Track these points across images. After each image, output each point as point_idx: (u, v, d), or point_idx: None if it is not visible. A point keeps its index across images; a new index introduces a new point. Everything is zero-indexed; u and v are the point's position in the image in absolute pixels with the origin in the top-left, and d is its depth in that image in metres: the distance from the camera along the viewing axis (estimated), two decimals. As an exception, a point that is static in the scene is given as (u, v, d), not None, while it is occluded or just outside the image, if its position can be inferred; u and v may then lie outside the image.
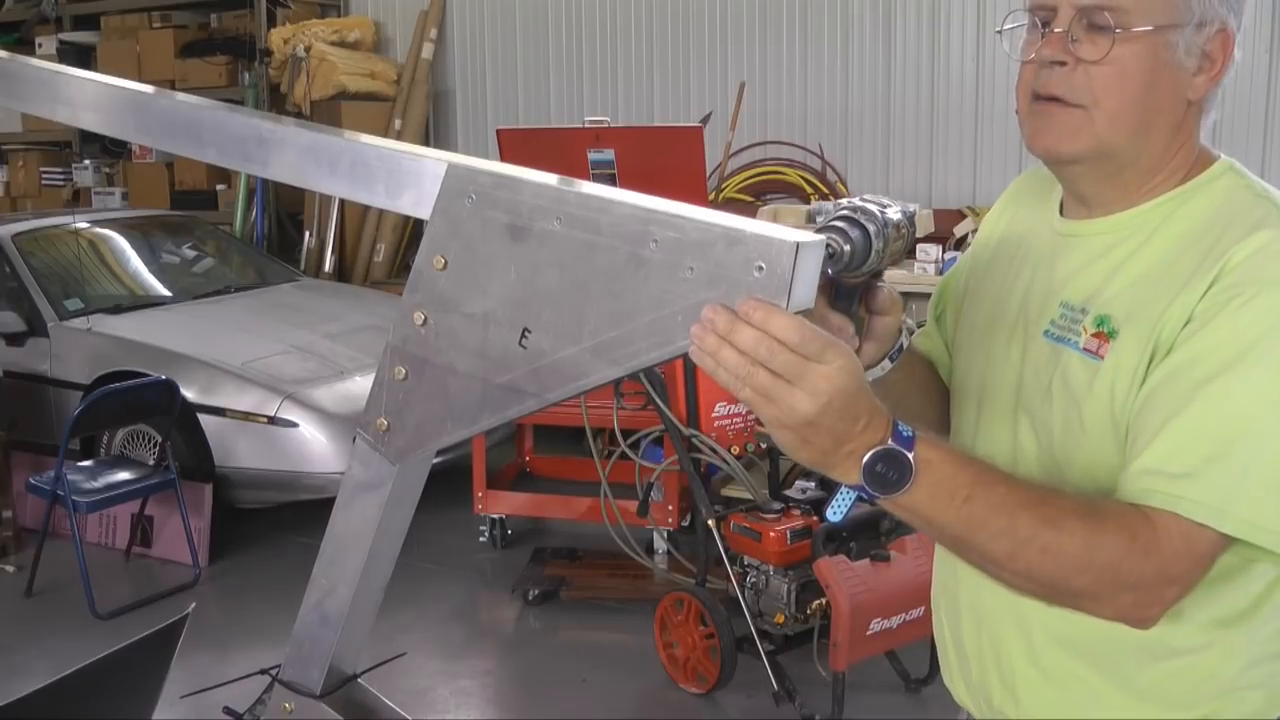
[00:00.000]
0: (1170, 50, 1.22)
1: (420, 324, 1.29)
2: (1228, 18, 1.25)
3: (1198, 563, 1.19)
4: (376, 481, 1.42)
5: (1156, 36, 1.21)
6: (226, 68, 8.12)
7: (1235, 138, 5.93)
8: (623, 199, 1.16)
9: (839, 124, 6.92)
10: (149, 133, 1.52)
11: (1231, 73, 1.28)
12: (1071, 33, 1.23)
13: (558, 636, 4.43)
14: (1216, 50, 1.25)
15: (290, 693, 1.60)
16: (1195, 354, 1.19)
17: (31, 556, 4.85)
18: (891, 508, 1.16)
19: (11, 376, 5.61)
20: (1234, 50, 1.26)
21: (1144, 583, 1.17)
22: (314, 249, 7.77)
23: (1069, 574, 1.17)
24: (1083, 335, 1.29)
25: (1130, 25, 1.21)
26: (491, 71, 8.05)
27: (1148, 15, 1.21)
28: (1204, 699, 1.30)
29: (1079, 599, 1.20)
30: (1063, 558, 1.16)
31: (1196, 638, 1.28)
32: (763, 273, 1.06)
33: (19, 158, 9.21)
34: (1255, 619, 1.28)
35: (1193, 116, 1.29)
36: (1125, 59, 1.22)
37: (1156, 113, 1.25)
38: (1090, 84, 1.24)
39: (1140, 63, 1.22)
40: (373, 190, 1.32)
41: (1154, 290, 1.24)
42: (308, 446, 5.03)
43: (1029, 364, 1.35)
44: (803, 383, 1.04)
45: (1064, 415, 1.30)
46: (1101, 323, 1.27)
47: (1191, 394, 1.18)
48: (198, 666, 3.40)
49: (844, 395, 1.05)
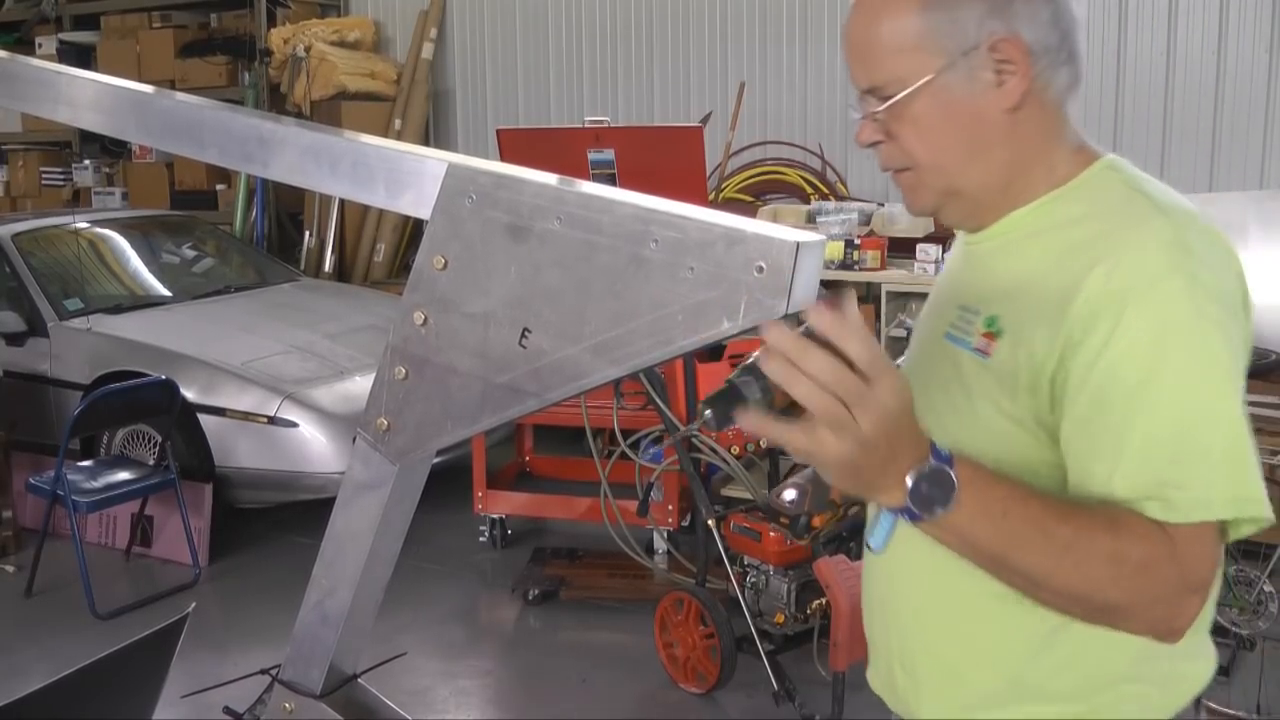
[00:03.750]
0: (952, 89, 1.27)
1: (420, 324, 1.29)
2: (998, 28, 1.26)
3: (1210, 563, 1.21)
4: (376, 481, 1.42)
5: (931, 86, 1.27)
6: (226, 68, 8.13)
7: (1235, 137, 5.93)
8: (623, 199, 1.16)
9: (839, 124, 6.91)
10: (149, 133, 1.52)
11: (1064, 54, 1.30)
12: (873, 114, 1.31)
13: (558, 636, 4.43)
14: (1008, 56, 1.27)
15: (290, 693, 1.60)
16: (1111, 372, 1.20)
17: (31, 556, 4.85)
18: (933, 530, 1.16)
19: (11, 376, 5.61)
20: (1033, 42, 1.27)
21: (1169, 592, 1.19)
22: (314, 249, 7.77)
23: (1104, 586, 1.18)
24: (974, 335, 1.33)
25: (903, 89, 1.27)
26: (491, 71, 8.05)
27: (912, 75, 1.27)
28: (1091, 691, 1.32)
29: (1114, 614, 1.21)
30: (1095, 569, 1.17)
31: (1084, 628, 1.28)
32: (763, 273, 1.06)
33: (19, 158, 9.21)
34: None
35: (1032, 119, 1.31)
36: (917, 117, 1.28)
37: (976, 140, 1.30)
38: (903, 148, 1.32)
39: (931, 113, 1.28)
40: (373, 190, 1.32)
41: (1038, 293, 1.27)
42: (308, 446, 5.03)
43: (934, 366, 1.39)
44: (862, 406, 1.04)
45: (959, 412, 1.32)
46: (990, 323, 1.31)
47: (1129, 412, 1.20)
48: (198, 666, 3.40)
49: (894, 417, 1.07)
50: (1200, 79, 6.01)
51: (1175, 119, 6.09)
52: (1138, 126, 6.16)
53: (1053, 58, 1.29)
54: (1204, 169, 6.02)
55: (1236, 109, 5.94)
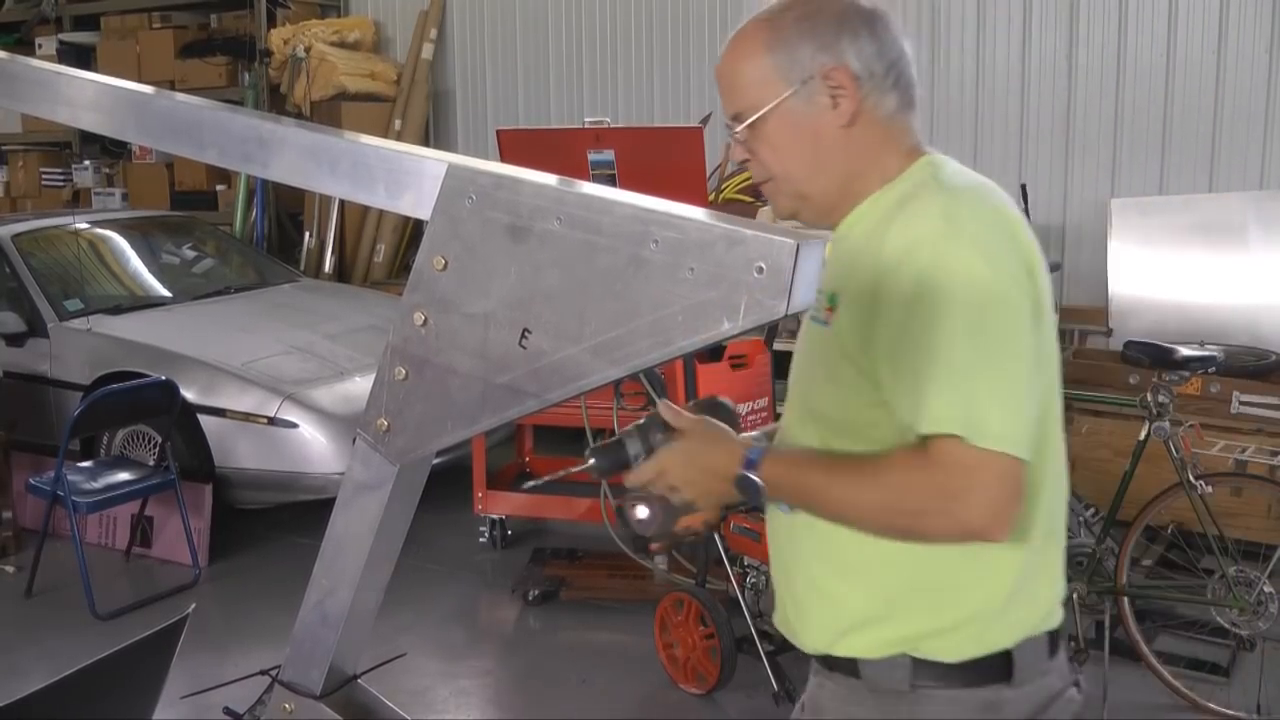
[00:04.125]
0: (795, 113, 1.55)
1: (420, 324, 1.29)
2: (828, 60, 1.54)
3: (961, 470, 1.40)
4: (376, 481, 1.42)
5: (778, 111, 1.55)
6: (226, 68, 8.13)
7: (1235, 137, 5.93)
8: (623, 199, 1.16)
9: (839, 124, 6.92)
10: (149, 133, 1.52)
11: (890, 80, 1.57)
12: (737, 136, 1.60)
13: (558, 637, 4.43)
14: (839, 83, 1.54)
15: (290, 693, 1.60)
16: (891, 317, 1.45)
17: (31, 557, 4.85)
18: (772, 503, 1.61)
19: (11, 377, 5.61)
20: (860, 70, 1.54)
21: (933, 497, 1.42)
22: (314, 249, 7.77)
23: (887, 510, 1.46)
24: (821, 312, 1.58)
25: (755, 114, 1.56)
26: (491, 71, 8.06)
27: (763, 102, 1.55)
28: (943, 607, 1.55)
29: (908, 529, 1.47)
30: (874, 499, 1.46)
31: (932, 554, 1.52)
32: (763, 273, 1.06)
33: (19, 158, 9.21)
34: None
35: (865, 133, 1.57)
36: (769, 136, 1.57)
37: (818, 153, 1.57)
38: (762, 163, 1.60)
39: (780, 133, 1.56)
40: (373, 191, 1.32)
41: (856, 263, 1.53)
42: (308, 447, 5.03)
43: (805, 346, 1.67)
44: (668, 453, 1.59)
45: (818, 380, 1.60)
46: (831, 299, 1.56)
47: (909, 350, 1.44)
48: (198, 666, 3.40)
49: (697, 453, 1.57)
50: (1200, 79, 6.01)
51: (1175, 119, 6.09)
52: (1138, 126, 6.16)
53: (879, 82, 1.56)
54: (1204, 169, 6.02)
55: (1236, 109, 5.94)
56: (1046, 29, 6.35)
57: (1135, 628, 3.91)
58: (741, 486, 1.52)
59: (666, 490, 1.58)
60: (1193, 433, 3.93)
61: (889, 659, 1.56)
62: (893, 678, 1.56)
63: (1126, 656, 3.92)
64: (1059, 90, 6.33)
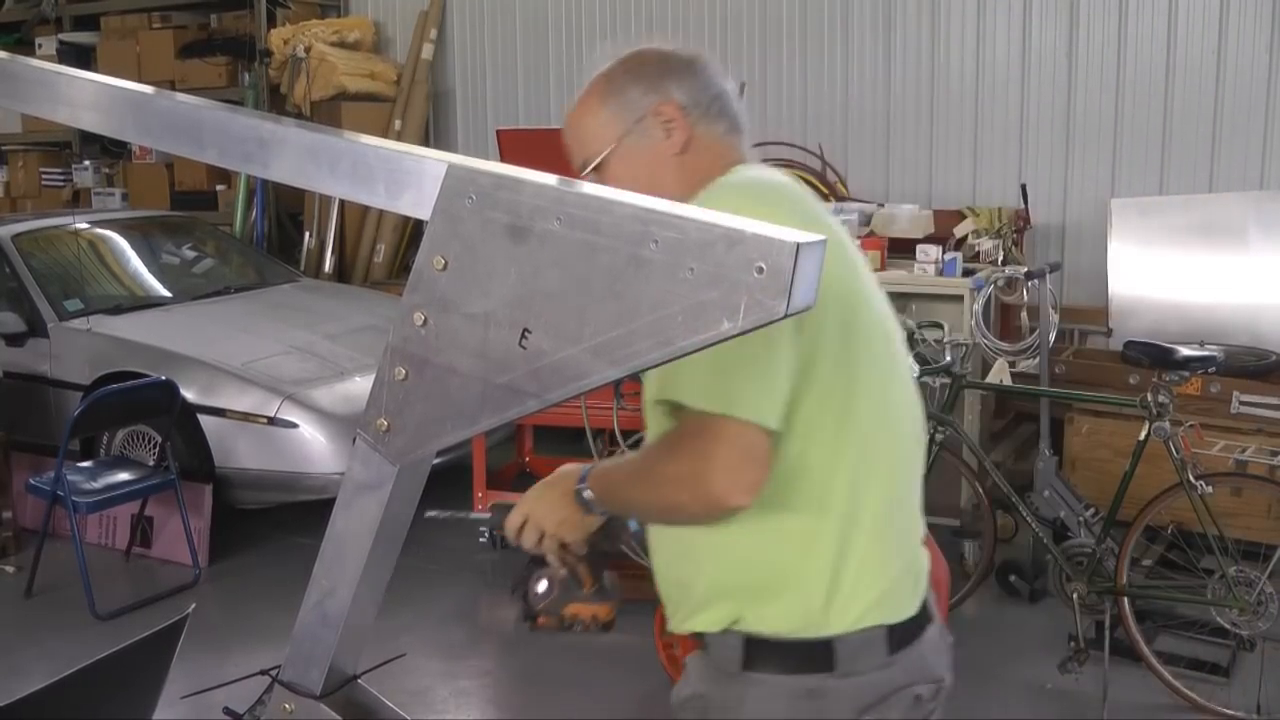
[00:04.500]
0: (634, 149, 1.73)
1: (420, 324, 1.29)
2: (655, 98, 1.73)
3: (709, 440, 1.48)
4: (376, 481, 1.42)
5: (619, 149, 1.74)
6: (226, 68, 8.13)
7: (1235, 137, 5.93)
8: (623, 199, 1.16)
9: (839, 124, 6.92)
10: (149, 133, 1.52)
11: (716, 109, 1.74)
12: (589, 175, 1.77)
13: (557, 637, 4.39)
14: (669, 116, 1.72)
15: (290, 693, 1.60)
16: None
17: (31, 557, 4.85)
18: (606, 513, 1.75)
19: (11, 377, 5.61)
20: (686, 102, 1.73)
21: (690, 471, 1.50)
22: (314, 249, 7.77)
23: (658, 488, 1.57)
24: None
25: (599, 157, 1.76)
26: (491, 71, 8.05)
27: (604, 146, 1.75)
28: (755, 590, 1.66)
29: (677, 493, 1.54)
30: (651, 478, 1.59)
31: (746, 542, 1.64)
32: (763, 273, 1.06)
33: (19, 158, 9.21)
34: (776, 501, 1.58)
35: (698, 156, 1.73)
36: (616, 172, 1.74)
37: (656, 180, 1.69)
38: None
39: (623, 170, 1.73)
40: (373, 191, 1.32)
41: None
42: (308, 447, 5.03)
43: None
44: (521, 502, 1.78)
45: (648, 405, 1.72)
46: None
47: None
48: (198, 666, 3.39)
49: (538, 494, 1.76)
50: (1200, 79, 6.01)
51: (1175, 119, 6.08)
52: (1138, 126, 6.16)
53: (705, 111, 1.74)
54: (1204, 169, 6.02)
55: (1236, 109, 5.94)
56: (1046, 29, 6.35)
57: (1135, 628, 3.91)
58: (581, 503, 1.69)
59: (535, 533, 1.74)
60: (1193, 433, 3.93)
61: (723, 634, 1.69)
62: (727, 655, 1.68)
63: (1126, 656, 3.93)
64: (1059, 90, 6.33)
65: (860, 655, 1.65)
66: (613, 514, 1.74)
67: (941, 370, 4.35)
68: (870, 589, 1.66)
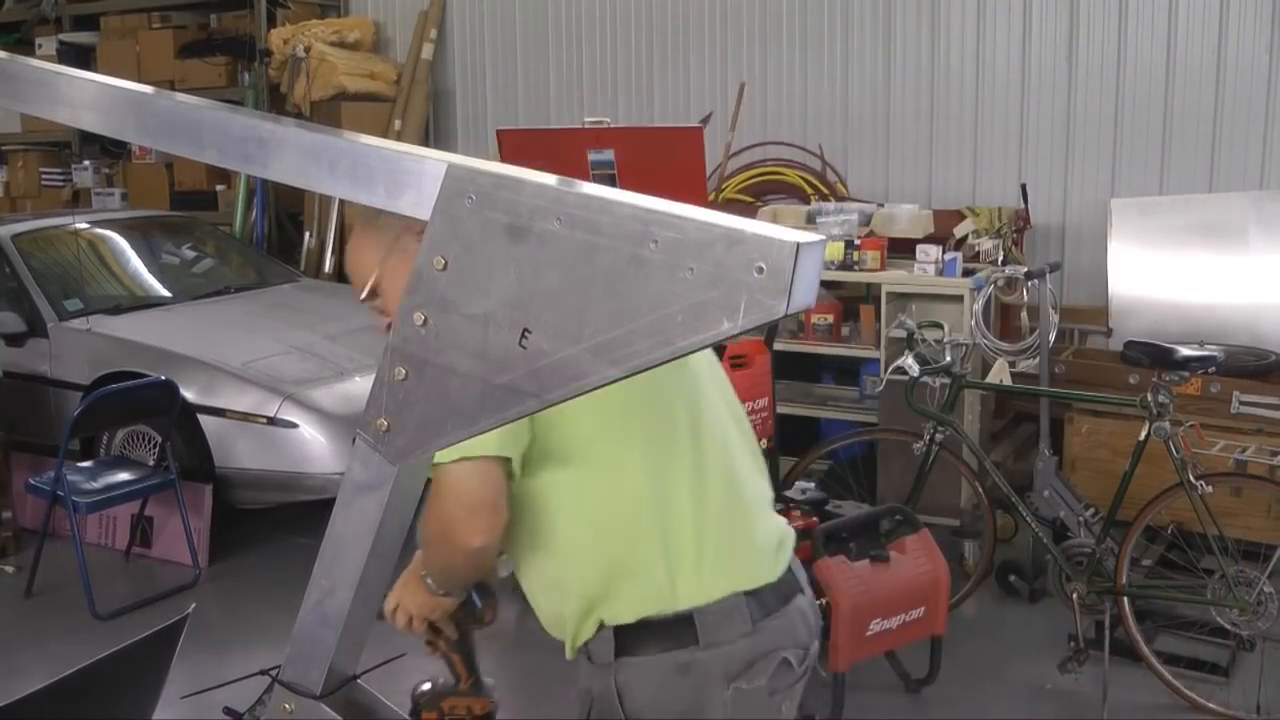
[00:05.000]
0: (400, 265, 1.76)
1: (420, 324, 1.28)
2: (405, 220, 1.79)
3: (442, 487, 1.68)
4: (376, 482, 1.42)
5: (386, 272, 1.82)
6: (226, 68, 8.12)
7: (1235, 137, 5.93)
8: (623, 199, 1.16)
9: (839, 124, 6.92)
10: (149, 133, 1.52)
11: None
12: (373, 308, 1.87)
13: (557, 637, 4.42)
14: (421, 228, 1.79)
15: (290, 693, 1.60)
16: None
17: (31, 557, 4.85)
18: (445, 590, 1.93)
19: (11, 377, 5.61)
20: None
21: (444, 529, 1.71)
22: (314, 249, 7.77)
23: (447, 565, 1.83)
24: None
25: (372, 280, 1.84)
26: (491, 71, 8.05)
27: (373, 271, 1.83)
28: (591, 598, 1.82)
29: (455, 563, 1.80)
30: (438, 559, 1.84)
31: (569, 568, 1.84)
32: (763, 273, 1.06)
33: (19, 158, 9.21)
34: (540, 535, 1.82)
35: None
36: (387, 291, 1.82)
37: None
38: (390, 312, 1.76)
39: (393, 285, 1.78)
40: (373, 191, 1.32)
41: None
42: (307, 447, 5.03)
43: None
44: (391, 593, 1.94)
45: None
46: None
47: None
48: (198, 667, 3.38)
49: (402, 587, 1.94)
50: (1200, 79, 6.01)
51: (1175, 119, 6.09)
52: (1138, 126, 6.16)
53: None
54: (1204, 169, 6.02)
55: (1236, 109, 5.94)
56: (1046, 29, 6.35)
57: (1135, 628, 3.92)
58: (428, 586, 1.87)
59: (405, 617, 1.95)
60: (1193, 433, 3.93)
61: (598, 635, 1.82)
62: (602, 649, 1.81)
63: (1126, 656, 3.93)
64: (1059, 90, 6.33)
65: (722, 625, 1.76)
66: (457, 593, 1.90)
67: (941, 370, 4.35)
68: (712, 561, 1.78)
